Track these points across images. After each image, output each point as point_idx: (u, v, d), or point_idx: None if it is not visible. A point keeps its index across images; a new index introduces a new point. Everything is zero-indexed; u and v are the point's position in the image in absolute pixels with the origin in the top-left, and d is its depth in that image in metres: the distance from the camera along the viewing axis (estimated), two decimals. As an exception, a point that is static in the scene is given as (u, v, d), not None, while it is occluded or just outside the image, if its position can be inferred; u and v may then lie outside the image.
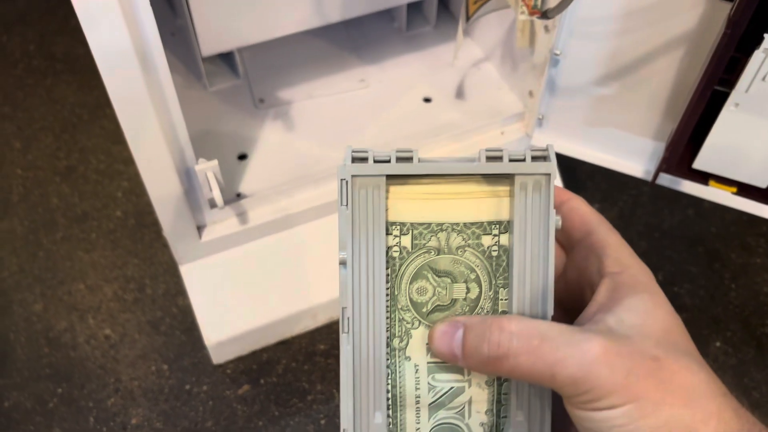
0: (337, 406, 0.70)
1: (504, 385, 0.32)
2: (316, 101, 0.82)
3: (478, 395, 0.32)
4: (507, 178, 0.31)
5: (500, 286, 0.32)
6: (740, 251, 0.84)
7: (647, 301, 0.30)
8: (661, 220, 0.87)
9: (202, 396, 0.71)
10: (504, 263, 0.32)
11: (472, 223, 0.32)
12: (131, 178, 0.88)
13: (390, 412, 0.33)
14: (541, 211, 0.31)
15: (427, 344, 0.32)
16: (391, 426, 0.33)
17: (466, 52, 0.87)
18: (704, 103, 0.56)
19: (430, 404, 0.32)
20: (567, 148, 0.74)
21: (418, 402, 0.33)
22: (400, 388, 0.33)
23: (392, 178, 0.31)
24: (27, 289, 0.78)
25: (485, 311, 0.32)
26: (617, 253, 0.31)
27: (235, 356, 0.73)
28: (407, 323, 0.32)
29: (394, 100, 0.83)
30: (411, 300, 0.32)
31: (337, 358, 0.74)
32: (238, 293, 0.71)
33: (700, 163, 0.61)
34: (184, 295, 0.78)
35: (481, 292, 0.32)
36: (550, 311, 0.31)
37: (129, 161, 0.89)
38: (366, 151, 0.30)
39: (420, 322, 0.32)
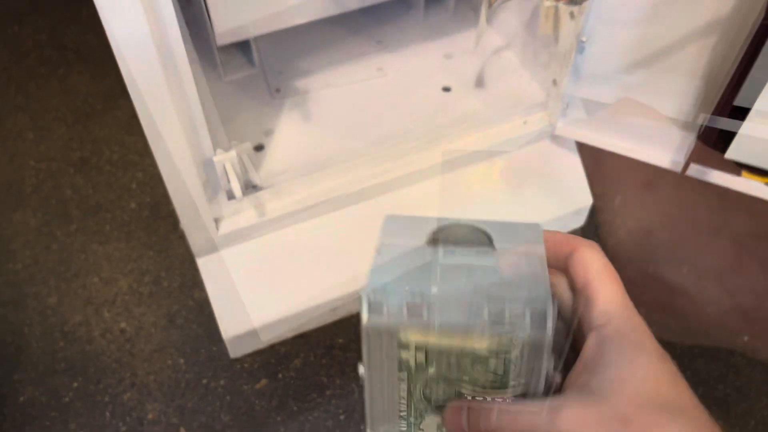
0: (357, 402, 0.69)
1: None
2: (333, 90, 0.81)
3: None
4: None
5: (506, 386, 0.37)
6: (767, 243, 0.82)
7: (628, 352, 0.31)
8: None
9: (219, 390, 0.70)
10: (503, 373, 0.37)
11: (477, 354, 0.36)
12: (145, 169, 0.86)
13: None
14: (537, 357, 0.34)
15: (437, 422, 0.38)
16: None
17: (484, 39, 0.85)
18: (739, 92, 0.54)
19: None
20: (591, 138, 0.72)
21: None
22: None
23: None
24: (41, 282, 0.77)
25: None
26: (606, 305, 0.32)
27: (253, 350, 0.72)
28: (422, 409, 0.38)
29: (412, 89, 0.81)
30: (425, 396, 0.38)
31: (357, 351, 0.72)
32: (256, 286, 0.69)
33: (732, 153, 0.59)
34: (200, 287, 0.77)
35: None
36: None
37: (143, 152, 0.88)
38: (381, 303, 0.35)
39: (433, 409, 0.38)
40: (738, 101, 0.56)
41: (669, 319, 0.75)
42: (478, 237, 0.43)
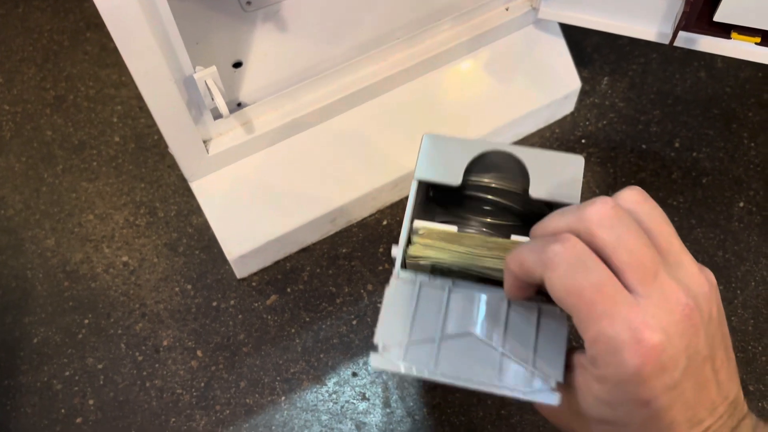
0: (367, 306, 0.70)
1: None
2: (307, -2, 0.78)
3: None
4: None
5: None
6: (757, 109, 0.82)
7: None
8: (673, 86, 0.84)
9: (230, 311, 0.70)
10: None
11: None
12: (124, 102, 0.84)
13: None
14: None
15: None
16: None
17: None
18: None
19: None
20: (575, 18, 0.70)
21: None
22: None
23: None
24: (36, 225, 0.76)
25: None
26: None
27: (259, 268, 0.72)
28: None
29: (387, -13, 0.79)
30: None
31: (360, 259, 0.73)
32: (254, 205, 0.69)
33: (722, 15, 0.58)
34: (198, 213, 0.76)
35: None
36: None
37: (119, 84, 0.85)
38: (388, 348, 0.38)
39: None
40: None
41: (666, 195, 0.76)
42: (514, 166, 0.43)
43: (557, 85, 0.77)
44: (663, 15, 0.67)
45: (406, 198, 0.44)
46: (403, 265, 0.42)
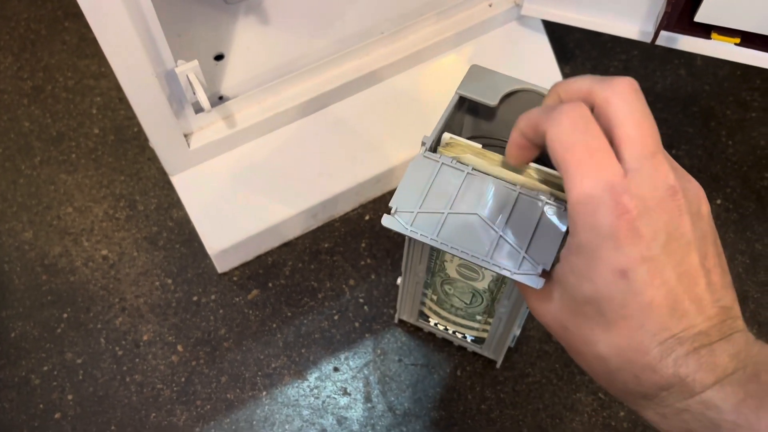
0: (349, 301, 0.70)
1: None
2: (289, -10, 0.77)
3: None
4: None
5: None
6: (735, 107, 0.83)
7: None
8: (653, 83, 0.85)
9: (211, 305, 0.70)
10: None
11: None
12: (103, 93, 0.83)
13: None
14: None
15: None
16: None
17: None
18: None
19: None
20: (558, 15, 0.71)
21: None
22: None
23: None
24: (13, 218, 0.75)
25: None
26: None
27: (240, 263, 0.72)
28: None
29: (371, -19, 0.78)
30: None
31: (342, 254, 0.73)
32: (235, 199, 0.69)
33: (703, 15, 0.59)
34: (178, 207, 0.76)
35: None
36: None
37: (99, 75, 0.84)
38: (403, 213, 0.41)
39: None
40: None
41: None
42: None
43: (539, 81, 0.77)
44: (645, 14, 0.67)
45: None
46: None
